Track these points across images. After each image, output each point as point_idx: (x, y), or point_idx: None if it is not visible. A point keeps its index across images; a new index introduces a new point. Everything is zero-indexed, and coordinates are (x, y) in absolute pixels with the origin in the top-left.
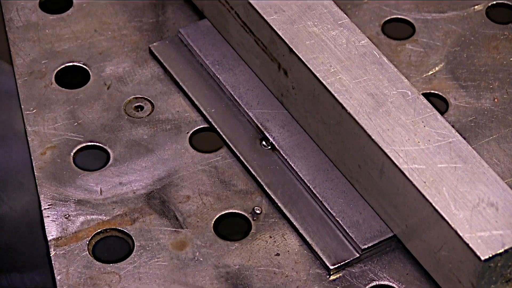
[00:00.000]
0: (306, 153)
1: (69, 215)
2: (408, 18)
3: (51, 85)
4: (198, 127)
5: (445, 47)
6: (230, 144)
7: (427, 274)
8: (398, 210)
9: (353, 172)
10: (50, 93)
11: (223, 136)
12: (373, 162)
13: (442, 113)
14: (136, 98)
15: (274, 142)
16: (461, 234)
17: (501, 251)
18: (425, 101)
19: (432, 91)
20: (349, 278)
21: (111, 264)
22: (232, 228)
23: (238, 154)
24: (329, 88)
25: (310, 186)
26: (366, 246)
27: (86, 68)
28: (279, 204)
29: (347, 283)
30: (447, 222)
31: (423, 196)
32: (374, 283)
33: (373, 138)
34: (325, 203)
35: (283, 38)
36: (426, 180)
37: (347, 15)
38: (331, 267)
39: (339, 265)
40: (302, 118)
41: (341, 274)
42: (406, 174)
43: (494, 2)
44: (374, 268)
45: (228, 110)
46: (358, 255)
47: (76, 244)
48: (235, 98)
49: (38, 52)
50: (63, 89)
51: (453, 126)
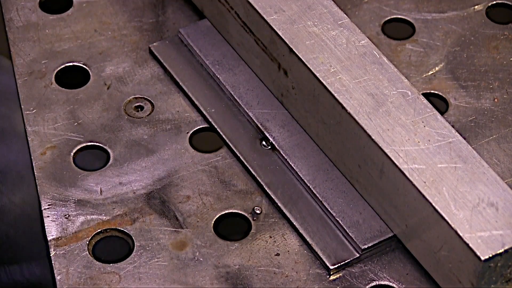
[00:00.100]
0: (306, 153)
1: (69, 215)
2: (408, 18)
3: (51, 85)
4: (198, 127)
5: (445, 47)
6: (230, 144)
7: (427, 274)
8: (398, 210)
9: (353, 172)
10: (50, 93)
11: (223, 136)
12: (373, 162)
13: (442, 113)
14: (136, 98)
15: (274, 142)
16: (461, 234)
17: (501, 251)
18: (425, 101)
19: (432, 91)
20: (349, 278)
21: (111, 264)
22: (232, 228)
23: (238, 154)
24: (329, 88)
25: (310, 186)
26: (366, 246)
27: (86, 68)
28: (279, 204)
29: (347, 283)
30: (447, 222)
31: (423, 196)
32: (374, 283)
33: (373, 138)
34: (325, 203)
35: (283, 38)
36: (426, 180)
37: (347, 15)
38: (331, 267)
39: (339, 265)
40: (302, 118)
41: (341, 274)
42: (406, 174)
43: (494, 2)
44: (374, 268)
45: (228, 110)
46: (358, 255)
47: (76, 244)
48: (235, 98)
49: (38, 52)
50: (63, 89)
51: (453, 126)
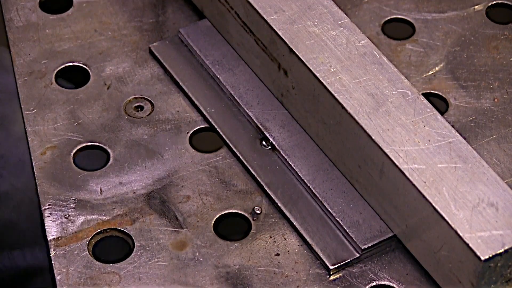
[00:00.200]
0: (306, 153)
1: (69, 215)
2: (408, 18)
3: (51, 85)
4: (198, 127)
5: (445, 47)
6: (230, 144)
7: (427, 274)
8: (398, 210)
9: (353, 172)
10: (50, 93)
11: (223, 136)
12: (373, 162)
13: (442, 113)
14: (136, 98)
15: (274, 142)
16: (461, 234)
17: (501, 251)
18: (425, 101)
19: (432, 91)
20: (349, 278)
21: (111, 264)
22: (232, 228)
23: (238, 154)
24: (329, 88)
25: (310, 186)
26: (366, 246)
27: (86, 68)
28: (279, 204)
29: (347, 283)
30: (447, 222)
31: (423, 196)
32: (374, 283)
33: (373, 138)
34: (325, 203)
35: (283, 38)
36: (426, 180)
37: (347, 15)
38: (331, 267)
39: (339, 265)
40: (302, 118)
41: (341, 274)
42: (406, 174)
43: (494, 2)
44: (374, 268)
45: (228, 110)
46: (358, 255)
47: (76, 244)
48: (235, 98)
49: (38, 52)
50: (63, 89)
51: (453, 126)
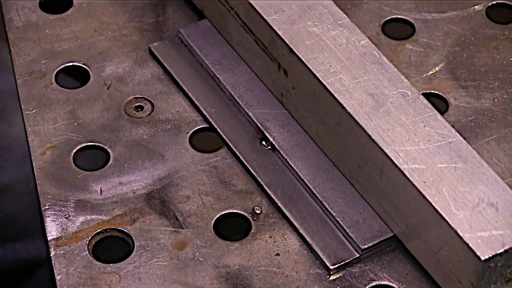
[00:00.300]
0: (306, 153)
1: (69, 215)
2: (408, 18)
3: (51, 85)
4: (198, 127)
5: (445, 47)
6: (230, 144)
7: (427, 274)
8: (398, 210)
9: (353, 172)
10: (50, 93)
11: (223, 136)
12: (373, 162)
13: (442, 113)
14: (136, 98)
15: (274, 142)
16: (461, 234)
17: (501, 251)
18: (425, 101)
19: (432, 91)
20: (349, 278)
21: (111, 264)
22: (232, 228)
23: (238, 154)
24: (329, 88)
25: (310, 186)
26: (366, 246)
27: (86, 68)
28: (279, 204)
29: (347, 283)
30: (447, 222)
31: (423, 196)
32: (374, 283)
33: (373, 138)
34: (325, 203)
35: (283, 38)
36: (426, 180)
37: (347, 15)
38: (331, 267)
39: (339, 265)
40: (302, 118)
41: (341, 274)
42: (406, 174)
43: (494, 2)
44: (374, 268)
45: (228, 110)
46: (358, 255)
47: (76, 244)
48: (235, 98)
49: (38, 52)
50: (63, 89)
51: (453, 126)
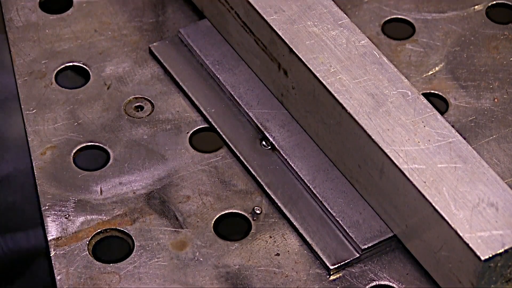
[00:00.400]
0: (306, 153)
1: (69, 215)
2: (408, 18)
3: (51, 85)
4: (198, 127)
5: (445, 47)
6: (230, 144)
7: (427, 274)
8: (398, 210)
9: (353, 172)
10: (50, 93)
11: (223, 136)
12: (373, 162)
13: (442, 113)
14: (136, 98)
15: (274, 142)
16: (461, 234)
17: (501, 251)
18: (425, 101)
19: (432, 91)
20: (349, 278)
21: (111, 264)
22: (232, 228)
23: (238, 154)
24: (329, 88)
25: (310, 186)
26: (366, 246)
27: (86, 68)
28: (279, 204)
29: (347, 283)
30: (447, 222)
31: (423, 196)
32: (374, 283)
33: (373, 138)
34: (325, 203)
35: (283, 38)
36: (426, 180)
37: (347, 15)
38: (331, 267)
39: (339, 265)
40: (302, 118)
41: (341, 274)
42: (406, 174)
43: (494, 2)
44: (374, 268)
45: (228, 110)
46: (358, 255)
47: (76, 244)
48: (235, 98)
49: (38, 52)
50: (63, 89)
51: (453, 126)
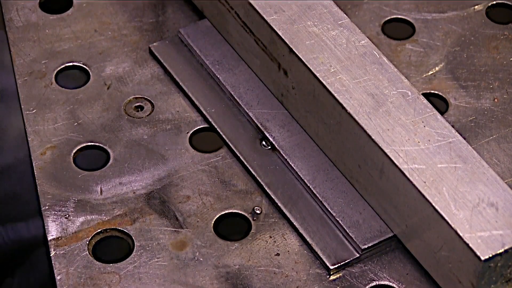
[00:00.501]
0: (306, 153)
1: (69, 215)
2: (408, 18)
3: (51, 85)
4: (198, 127)
5: (445, 47)
6: (230, 144)
7: (427, 274)
8: (398, 210)
9: (353, 172)
10: (50, 93)
11: (223, 136)
12: (373, 162)
13: (442, 113)
14: (136, 98)
15: (274, 142)
16: (461, 234)
17: (501, 251)
18: (425, 101)
19: (432, 91)
20: (349, 278)
21: (111, 264)
22: (232, 228)
23: (238, 154)
24: (329, 88)
25: (310, 186)
26: (366, 246)
27: (86, 68)
28: (279, 204)
29: (347, 283)
30: (447, 222)
31: (423, 196)
32: (374, 283)
33: (373, 138)
34: (325, 203)
35: (283, 38)
36: (426, 180)
37: (347, 15)
38: (331, 267)
39: (339, 265)
40: (302, 118)
41: (341, 274)
42: (406, 174)
43: (494, 2)
44: (374, 268)
45: (228, 110)
46: (358, 255)
47: (76, 244)
48: (235, 98)
49: (38, 52)
50: (63, 89)
51: (453, 126)
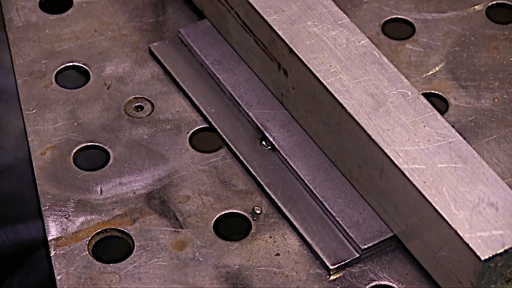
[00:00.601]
0: (306, 153)
1: (69, 215)
2: (408, 18)
3: (51, 85)
4: (198, 127)
5: (445, 47)
6: (230, 144)
7: (427, 274)
8: (398, 210)
9: (353, 172)
10: (50, 93)
11: (223, 136)
12: (373, 162)
13: (442, 113)
14: (136, 98)
15: (274, 142)
16: (461, 234)
17: (501, 251)
18: (425, 101)
19: (432, 91)
20: (349, 278)
21: (111, 264)
22: (232, 228)
23: (238, 154)
24: (329, 88)
25: (310, 186)
26: (366, 246)
27: (86, 68)
28: (279, 204)
29: (347, 283)
30: (447, 222)
31: (423, 196)
32: (374, 283)
33: (373, 138)
34: (325, 203)
35: (283, 38)
36: (426, 180)
37: (347, 15)
38: (331, 267)
39: (339, 265)
40: (302, 118)
41: (341, 274)
42: (406, 174)
43: (494, 2)
44: (374, 268)
45: (228, 110)
46: (358, 255)
47: (76, 244)
48: (235, 98)
49: (38, 52)
50: (63, 89)
51: (453, 126)
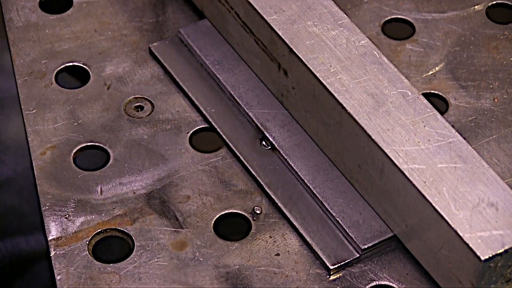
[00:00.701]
0: (306, 153)
1: (69, 215)
2: (408, 18)
3: (51, 85)
4: (198, 127)
5: (445, 47)
6: (230, 144)
7: (427, 274)
8: (398, 210)
9: (353, 172)
10: (50, 93)
11: (223, 136)
12: (373, 162)
13: (442, 113)
14: (136, 98)
15: (274, 142)
16: (461, 234)
17: (501, 251)
18: (425, 101)
19: (432, 91)
20: (349, 278)
21: (111, 264)
22: (232, 228)
23: (238, 154)
24: (329, 88)
25: (310, 186)
26: (366, 246)
27: (86, 68)
28: (279, 204)
29: (347, 283)
30: (447, 222)
31: (423, 196)
32: (374, 283)
33: (373, 138)
34: (325, 203)
35: (283, 38)
36: (426, 180)
37: (347, 15)
38: (331, 267)
39: (339, 265)
40: (302, 118)
41: (341, 274)
42: (406, 174)
43: (494, 2)
44: (374, 268)
45: (228, 110)
46: (358, 255)
47: (76, 244)
48: (235, 98)
49: (38, 52)
50: (63, 89)
51: (453, 126)
